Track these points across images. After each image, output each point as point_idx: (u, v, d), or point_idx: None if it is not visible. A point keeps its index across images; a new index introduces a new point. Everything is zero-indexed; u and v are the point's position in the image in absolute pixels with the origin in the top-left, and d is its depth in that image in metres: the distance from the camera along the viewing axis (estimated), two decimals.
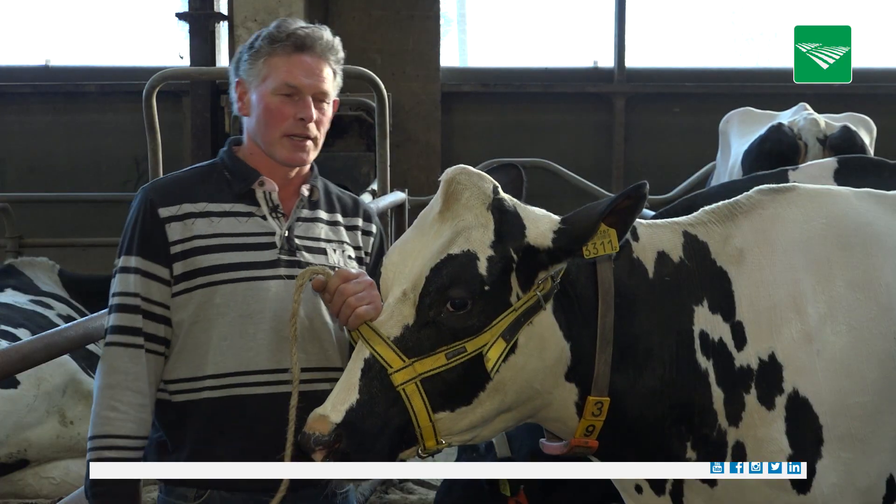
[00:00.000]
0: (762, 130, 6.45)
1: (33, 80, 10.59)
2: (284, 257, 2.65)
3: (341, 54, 2.78)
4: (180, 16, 8.81)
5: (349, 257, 2.77)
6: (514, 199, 2.51)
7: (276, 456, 2.48)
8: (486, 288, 2.37)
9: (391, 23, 10.19)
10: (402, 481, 5.81)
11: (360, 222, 2.87)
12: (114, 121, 10.32)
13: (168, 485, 2.65)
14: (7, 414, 5.21)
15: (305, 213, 2.75)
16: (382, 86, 5.69)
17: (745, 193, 2.70)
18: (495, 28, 11.49)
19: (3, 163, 10.57)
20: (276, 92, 2.66)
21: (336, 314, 2.49)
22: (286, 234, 2.67)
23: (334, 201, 2.85)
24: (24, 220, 8.68)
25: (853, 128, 6.15)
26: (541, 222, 2.46)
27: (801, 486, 2.49)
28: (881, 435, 2.53)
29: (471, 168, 2.51)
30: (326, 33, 2.75)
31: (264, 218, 2.68)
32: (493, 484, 3.38)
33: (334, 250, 2.74)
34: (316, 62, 2.70)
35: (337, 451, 2.31)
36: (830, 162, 4.48)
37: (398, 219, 6.32)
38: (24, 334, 5.57)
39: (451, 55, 11.02)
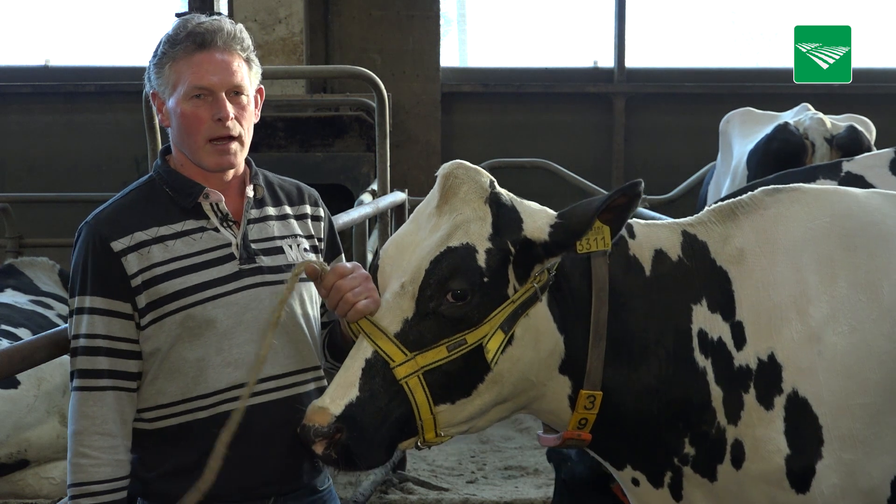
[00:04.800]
0: (767, 130, 6.46)
1: (33, 80, 10.58)
2: (245, 267, 2.59)
3: (248, 42, 2.65)
4: (180, 16, 8.80)
5: (304, 250, 2.71)
6: (511, 194, 2.53)
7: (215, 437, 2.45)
8: (486, 280, 2.40)
9: (391, 23, 10.19)
10: (402, 481, 5.81)
11: (308, 209, 2.80)
12: (114, 121, 10.31)
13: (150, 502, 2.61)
14: (7, 414, 5.20)
15: (254, 213, 2.67)
16: (382, 86, 5.69)
17: (749, 193, 2.72)
18: (495, 28, 11.49)
19: (3, 163, 10.56)
20: (187, 97, 2.55)
21: (333, 309, 2.49)
22: (241, 243, 2.61)
23: (279, 193, 2.77)
24: (24, 220, 8.67)
25: (859, 127, 6.17)
26: (537, 216, 2.49)
27: (800, 486, 2.50)
28: (884, 437, 2.52)
29: (467, 163, 2.54)
30: (227, 24, 2.62)
31: (216, 230, 2.60)
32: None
33: (290, 246, 2.68)
34: (222, 56, 2.57)
35: (337, 442, 2.34)
36: (887, 152, 4.53)
37: (398, 219, 6.32)
38: (24, 334, 5.57)
39: (451, 55, 11.02)
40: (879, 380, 2.52)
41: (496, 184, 2.52)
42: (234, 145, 2.60)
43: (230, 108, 2.57)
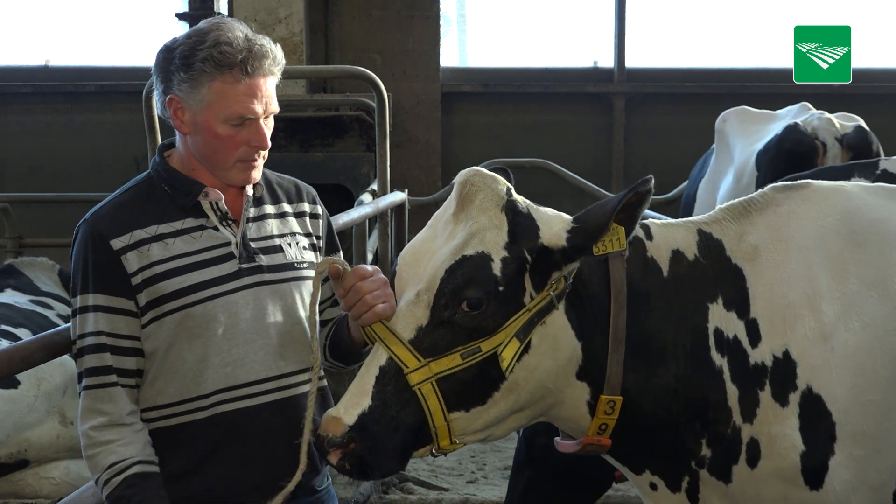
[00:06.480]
0: (771, 130, 6.47)
1: (33, 80, 10.58)
2: (245, 266, 2.58)
3: (282, 59, 2.61)
4: (180, 16, 8.78)
5: (303, 248, 2.70)
6: (527, 201, 2.53)
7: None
8: (501, 289, 2.39)
9: (391, 23, 10.19)
10: (402, 481, 5.81)
11: (306, 207, 2.78)
12: (114, 121, 10.31)
13: None
14: (7, 414, 5.20)
15: (253, 212, 2.66)
16: (382, 86, 5.69)
17: (760, 190, 2.72)
18: (495, 28, 11.49)
19: (3, 163, 10.56)
20: (226, 122, 2.52)
21: (349, 310, 2.49)
22: (241, 242, 2.59)
23: (277, 191, 2.75)
24: (24, 220, 8.67)
25: (865, 126, 6.20)
26: (553, 223, 2.48)
27: (814, 482, 2.51)
28: (893, 432, 2.54)
29: (484, 170, 2.54)
30: (269, 44, 2.57)
31: (216, 229, 2.59)
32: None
33: (289, 244, 2.67)
34: (265, 83, 2.54)
35: (351, 452, 2.34)
36: None
37: (398, 219, 6.32)
38: (24, 334, 5.57)
39: (451, 55, 11.03)
40: (890, 376, 2.53)
41: (513, 191, 2.51)
42: (261, 161, 2.62)
43: (268, 133, 2.58)
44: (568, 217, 2.51)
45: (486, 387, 2.41)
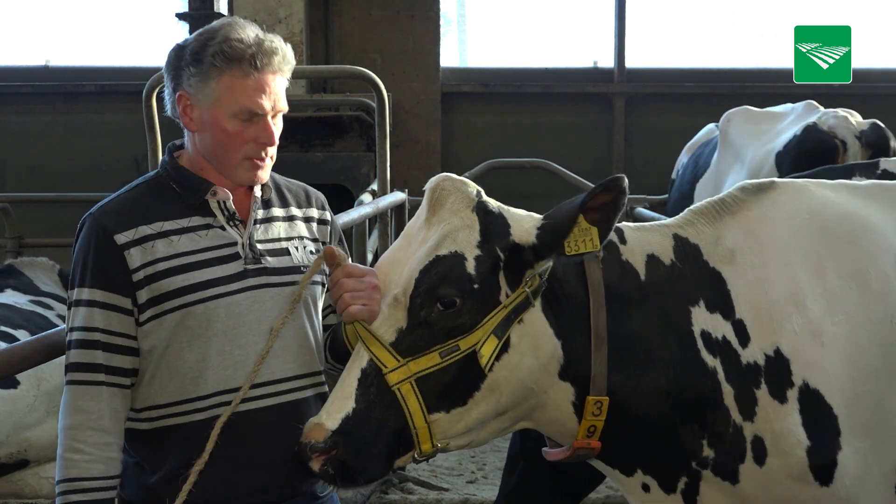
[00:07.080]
0: (788, 130, 6.49)
1: (33, 80, 10.59)
2: (250, 267, 2.56)
3: (293, 60, 2.61)
4: (180, 16, 8.79)
5: (310, 252, 2.69)
6: (498, 203, 2.54)
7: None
8: (475, 286, 2.40)
9: (391, 23, 10.20)
10: (402, 481, 5.81)
11: (315, 213, 2.77)
12: (113, 121, 10.32)
13: None
14: (7, 414, 5.19)
15: (261, 213, 2.64)
16: (382, 86, 5.69)
17: (728, 192, 2.74)
18: (495, 28, 11.50)
19: (3, 163, 10.57)
20: (234, 116, 2.51)
21: (334, 304, 2.50)
22: (248, 243, 2.58)
23: (286, 194, 2.74)
24: (24, 220, 8.67)
25: (880, 123, 6.22)
26: (524, 221, 2.50)
27: (824, 478, 2.51)
28: (889, 422, 2.56)
29: (454, 175, 2.56)
30: (280, 43, 2.57)
31: (223, 228, 2.57)
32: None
33: (296, 248, 2.66)
34: (274, 79, 2.53)
35: (334, 458, 2.34)
36: None
37: (398, 219, 6.31)
38: (23, 336, 5.56)
39: (451, 55, 11.04)
40: (880, 365, 2.56)
41: (483, 193, 2.53)
42: (268, 161, 2.61)
43: (275, 131, 2.57)
44: (539, 216, 2.52)
45: (467, 387, 2.41)
